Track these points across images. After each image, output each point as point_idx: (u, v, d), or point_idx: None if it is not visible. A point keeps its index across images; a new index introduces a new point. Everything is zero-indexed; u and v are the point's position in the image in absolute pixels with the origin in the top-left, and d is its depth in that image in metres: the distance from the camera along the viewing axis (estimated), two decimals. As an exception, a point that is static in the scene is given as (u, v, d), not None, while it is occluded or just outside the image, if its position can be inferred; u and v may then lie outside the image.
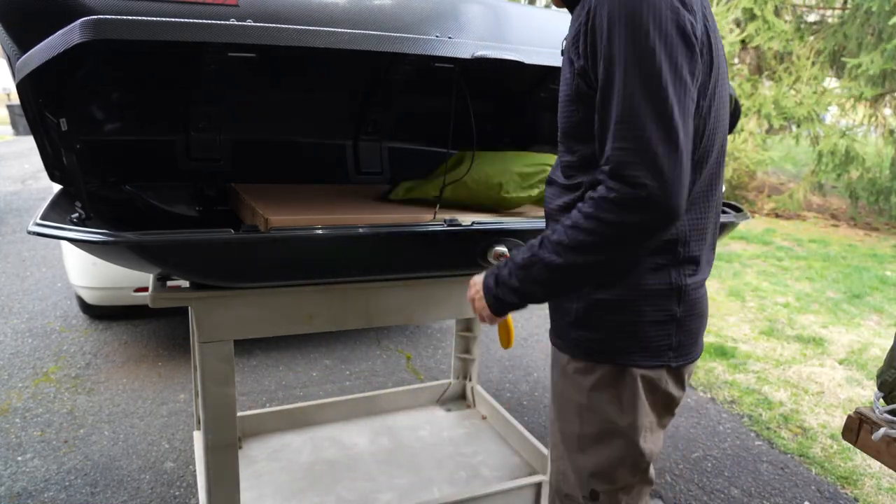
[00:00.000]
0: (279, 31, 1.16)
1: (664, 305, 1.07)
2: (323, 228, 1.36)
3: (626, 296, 1.06)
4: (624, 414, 1.09)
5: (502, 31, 1.71)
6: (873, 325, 4.18)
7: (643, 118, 0.88)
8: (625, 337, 1.07)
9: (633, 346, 1.07)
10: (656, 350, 1.08)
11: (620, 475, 1.13)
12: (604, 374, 1.09)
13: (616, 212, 0.91)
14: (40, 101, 1.36)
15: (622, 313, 1.07)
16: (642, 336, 1.07)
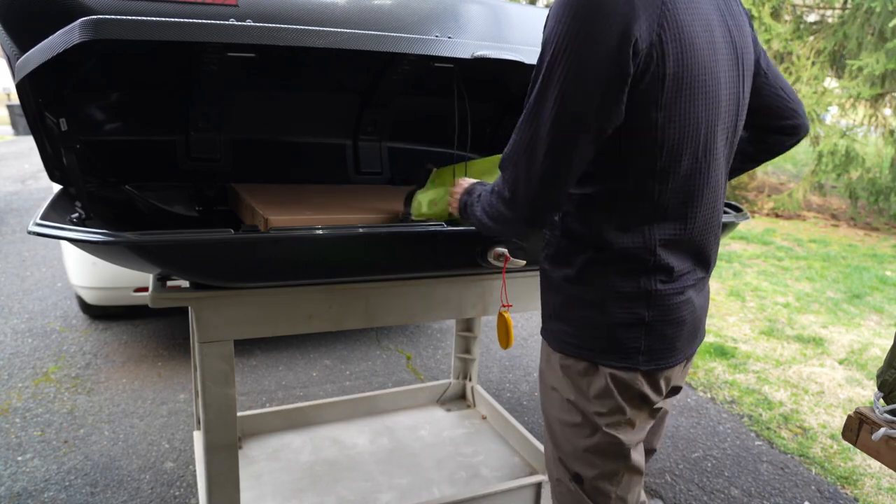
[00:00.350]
0: (279, 31, 1.16)
1: (632, 309, 1.09)
2: (323, 228, 1.36)
3: (597, 295, 1.10)
4: (597, 404, 1.13)
5: (502, 31, 1.71)
6: (873, 325, 4.18)
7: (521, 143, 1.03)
8: (596, 335, 1.12)
9: (603, 344, 1.11)
10: (625, 352, 1.11)
11: (599, 461, 1.16)
12: (579, 367, 1.14)
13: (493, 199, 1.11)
14: (40, 101, 1.36)
15: (593, 311, 1.11)
16: (612, 336, 1.10)
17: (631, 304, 1.10)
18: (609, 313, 1.10)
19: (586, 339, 1.13)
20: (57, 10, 1.23)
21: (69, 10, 1.24)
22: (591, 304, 1.11)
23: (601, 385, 1.12)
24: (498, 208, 1.09)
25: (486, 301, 1.70)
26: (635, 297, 1.09)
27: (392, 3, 1.59)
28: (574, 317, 1.14)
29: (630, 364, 1.11)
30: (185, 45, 1.40)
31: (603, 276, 1.09)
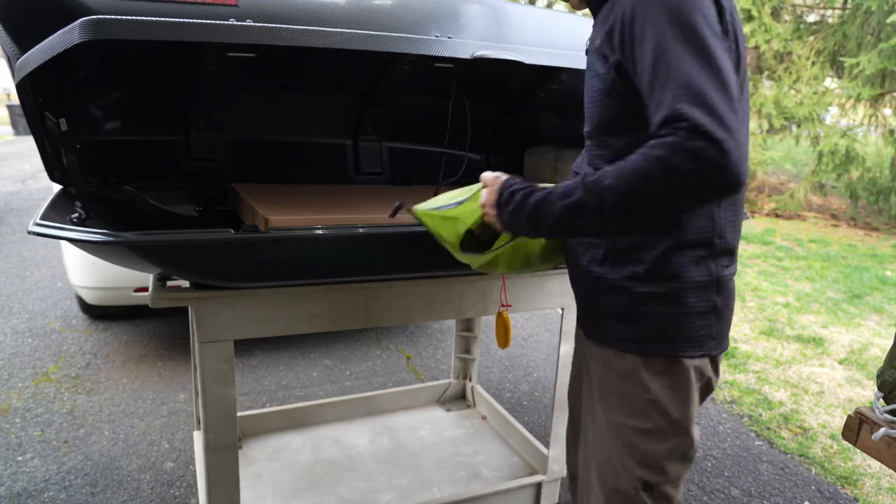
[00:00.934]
0: (279, 31, 1.16)
1: (706, 296, 1.09)
2: (323, 228, 1.36)
3: (671, 288, 1.07)
4: (679, 404, 1.10)
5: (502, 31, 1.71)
6: (873, 325, 4.18)
7: (708, 88, 0.87)
8: (673, 328, 1.08)
9: (680, 336, 1.08)
10: (700, 340, 1.09)
11: (673, 467, 1.13)
12: (657, 366, 1.10)
13: (692, 162, 0.85)
14: (40, 101, 1.36)
15: (669, 305, 1.07)
16: (687, 327, 1.08)
17: (705, 293, 1.08)
18: (686, 303, 1.07)
19: (662, 335, 1.09)
20: (57, 10, 1.23)
21: (69, 10, 1.24)
22: (666, 299, 1.07)
23: (681, 380, 1.10)
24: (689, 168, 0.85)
25: (486, 301, 1.70)
26: (708, 284, 1.09)
27: (392, 3, 1.59)
28: (647, 314, 1.09)
29: (704, 351, 1.10)
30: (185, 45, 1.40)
31: (678, 267, 1.07)
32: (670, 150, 0.85)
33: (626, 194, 0.91)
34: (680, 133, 0.85)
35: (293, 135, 1.96)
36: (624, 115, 1.03)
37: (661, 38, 0.91)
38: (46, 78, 1.29)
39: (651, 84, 0.92)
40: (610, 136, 1.08)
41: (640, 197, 0.92)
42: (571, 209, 0.98)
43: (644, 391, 1.10)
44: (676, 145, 0.85)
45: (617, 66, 1.01)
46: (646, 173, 0.89)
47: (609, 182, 0.93)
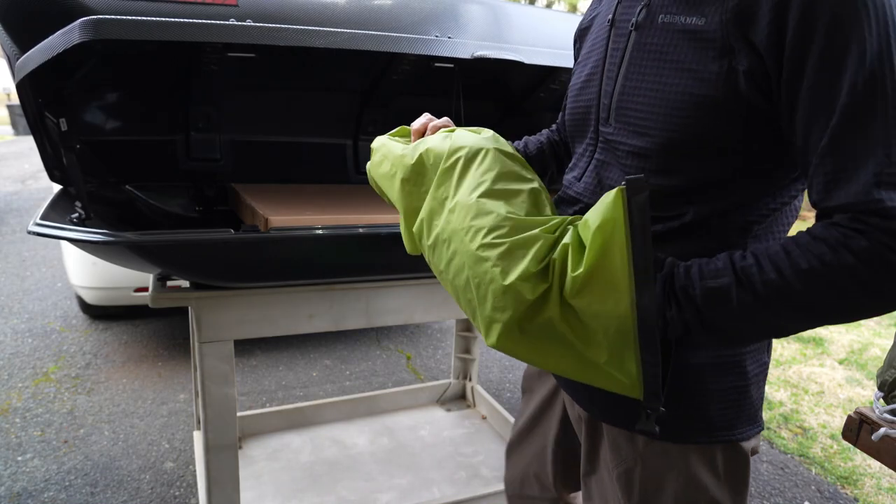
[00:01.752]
0: (279, 31, 1.16)
1: (760, 358, 0.85)
2: (323, 228, 1.36)
3: (730, 357, 0.81)
4: (738, 497, 0.86)
5: (502, 31, 1.71)
6: (873, 325, 4.18)
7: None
8: (735, 406, 0.83)
9: (741, 414, 0.83)
10: (756, 413, 0.85)
11: None
12: (713, 457, 0.83)
13: (888, 277, 0.61)
14: (40, 101, 1.36)
15: (727, 377, 0.82)
16: (747, 401, 0.83)
17: (759, 353, 0.84)
18: (744, 372, 0.82)
19: (722, 416, 0.82)
20: (57, 10, 1.23)
21: (69, 10, 1.24)
22: (726, 369, 0.81)
23: (741, 468, 0.85)
24: (871, 289, 0.62)
25: (486, 301, 1.70)
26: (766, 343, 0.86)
27: (392, 3, 1.59)
28: (704, 392, 0.81)
29: (759, 426, 0.86)
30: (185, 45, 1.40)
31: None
32: (863, 259, 0.61)
33: (798, 301, 0.65)
34: (877, 235, 0.60)
35: (293, 135, 1.96)
36: (729, 136, 0.72)
37: (877, 61, 0.61)
38: (46, 78, 1.29)
39: (836, 129, 0.63)
40: (688, 161, 0.75)
41: (813, 308, 0.65)
42: (715, 297, 0.68)
43: (699, 490, 0.83)
44: (872, 254, 0.61)
45: (752, 71, 0.67)
46: (831, 284, 0.63)
47: (772, 277, 0.65)
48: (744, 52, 0.68)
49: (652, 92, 0.76)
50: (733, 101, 0.69)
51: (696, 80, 0.71)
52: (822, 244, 0.63)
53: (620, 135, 0.81)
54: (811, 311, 0.66)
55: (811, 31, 0.62)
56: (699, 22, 0.71)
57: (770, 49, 0.65)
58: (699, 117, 0.72)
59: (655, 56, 0.76)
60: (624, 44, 0.81)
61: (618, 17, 0.83)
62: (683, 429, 0.82)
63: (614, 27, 0.84)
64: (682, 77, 0.72)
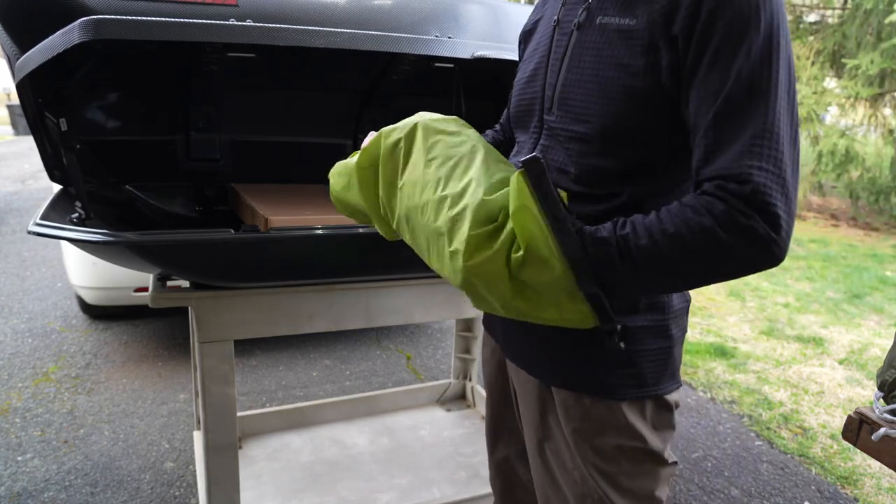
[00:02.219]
0: (279, 31, 1.16)
1: (683, 323, 0.98)
2: (322, 228, 1.36)
3: (660, 321, 0.94)
4: (666, 443, 0.99)
5: (502, 31, 1.71)
6: (873, 325, 4.18)
7: (784, 141, 0.72)
8: (663, 365, 0.95)
9: (667, 372, 0.96)
10: (676, 370, 0.98)
11: (662, 492, 1.02)
12: (646, 410, 0.95)
13: (741, 240, 0.71)
14: (40, 101, 1.36)
15: (661, 339, 0.94)
16: (671, 359, 0.96)
17: (682, 319, 0.97)
18: (671, 335, 0.95)
19: (653, 374, 0.94)
20: (57, 10, 1.24)
21: (69, 10, 1.24)
22: (658, 332, 0.94)
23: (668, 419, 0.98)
24: (728, 247, 0.72)
25: (486, 301, 1.70)
26: (685, 310, 0.98)
27: (392, 3, 1.59)
28: (642, 353, 0.93)
29: (678, 382, 0.99)
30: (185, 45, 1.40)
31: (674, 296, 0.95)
32: (720, 222, 0.71)
33: (660, 259, 0.76)
34: (733, 201, 0.71)
35: (293, 135, 1.96)
36: (654, 123, 0.83)
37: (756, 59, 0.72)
38: (46, 78, 1.29)
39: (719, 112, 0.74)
40: (622, 145, 0.85)
41: (674, 264, 0.76)
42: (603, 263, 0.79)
43: (637, 440, 0.95)
44: (727, 218, 0.71)
45: (673, 65, 0.78)
46: (687, 244, 0.74)
47: (644, 243, 0.76)
48: (666, 48, 0.77)
49: (591, 84, 0.86)
50: (657, 93, 0.80)
51: (627, 74, 0.81)
52: (688, 209, 0.74)
53: (562, 122, 0.91)
54: (678, 273, 0.77)
55: (712, 28, 0.73)
56: (630, 22, 0.81)
57: (684, 41, 0.76)
58: (630, 107, 0.82)
59: (594, 52, 0.87)
60: (566, 41, 0.92)
61: (562, 18, 0.94)
62: (620, 386, 0.93)
63: (558, 27, 0.94)
64: (615, 70, 0.83)
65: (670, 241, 0.74)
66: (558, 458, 1.02)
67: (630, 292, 0.87)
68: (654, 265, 0.76)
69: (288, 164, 1.98)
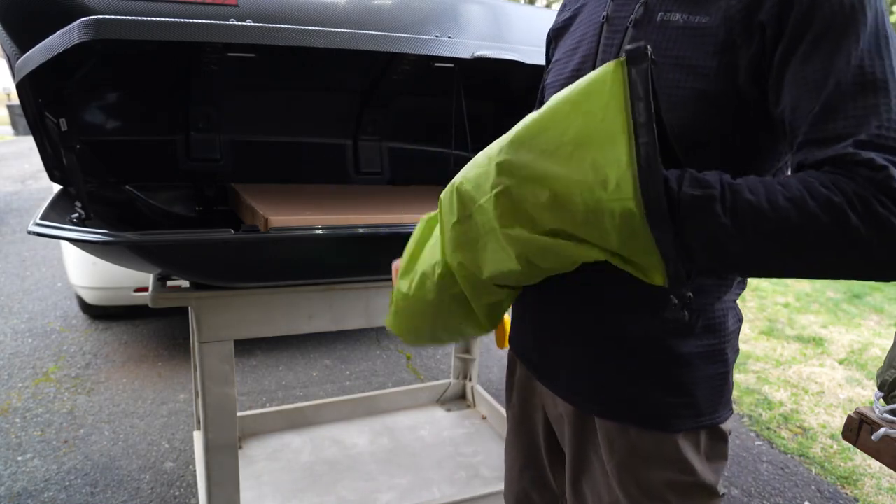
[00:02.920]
0: (279, 31, 1.16)
1: (736, 345, 0.90)
2: (323, 228, 1.36)
3: (716, 345, 0.85)
4: (719, 475, 0.90)
5: (502, 31, 1.71)
6: (873, 325, 4.18)
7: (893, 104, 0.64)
8: (718, 393, 0.87)
9: (722, 400, 0.88)
10: (730, 397, 0.90)
11: None
12: (698, 441, 0.87)
13: (872, 229, 0.60)
14: (40, 101, 1.36)
15: (715, 364, 0.86)
16: (727, 386, 0.88)
17: (735, 341, 0.89)
18: (727, 360, 0.87)
19: (708, 402, 0.86)
20: (57, 10, 1.23)
21: (69, 10, 1.24)
22: (711, 357, 0.85)
23: (722, 449, 0.89)
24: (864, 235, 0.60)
25: (486, 301, 1.70)
26: (737, 331, 0.90)
27: (392, 3, 1.59)
28: (695, 380, 0.85)
29: (731, 409, 0.91)
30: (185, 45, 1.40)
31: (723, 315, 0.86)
32: (850, 202, 0.60)
33: (771, 227, 0.62)
34: (868, 188, 0.60)
35: (293, 135, 1.96)
36: (725, 128, 0.75)
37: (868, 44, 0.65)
38: (46, 78, 1.29)
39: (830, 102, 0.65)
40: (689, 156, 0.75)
41: (784, 238, 0.62)
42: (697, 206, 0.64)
43: (689, 474, 0.86)
44: (860, 201, 0.60)
45: (755, 64, 0.70)
46: (811, 216, 0.61)
47: (750, 198, 0.63)
48: (746, 43, 0.70)
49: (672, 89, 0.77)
50: (729, 95, 0.73)
51: (695, 75, 0.74)
52: (814, 180, 0.63)
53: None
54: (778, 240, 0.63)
55: (814, 9, 0.66)
56: (702, 19, 0.74)
57: (773, 24, 0.68)
58: (695, 111, 0.74)
59: (654, 51, 0.77)
60: (620, 39, 0.84)
61: (612, 15, 0.86)
62: (674, 417, 0.84)
63: (608, 24, 0.87)
64: (679, 72, 0.75)
65: (790, 206, 0.61)
66: (595, 493, 0.93)
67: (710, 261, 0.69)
68: (758, 230, 0.63)
69: (288, 164, 1.98)
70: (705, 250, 0.66)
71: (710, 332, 0.84)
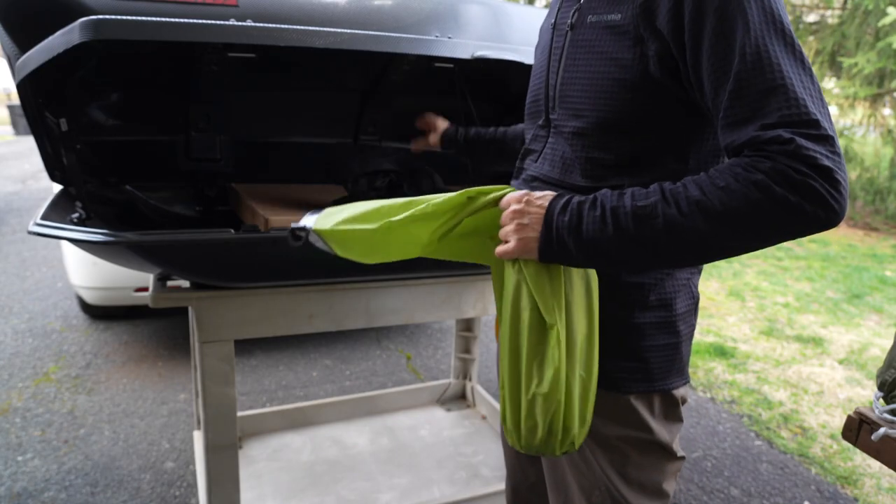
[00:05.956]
0: (279, 31, 1.16)
1: (691, 321, 1.01)
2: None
3: (668, 317, 0.97)
4: (673, 436, 1.02)
5: (502, 31, 1.71)
6: (873, 325, 4.18)
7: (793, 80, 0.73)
8: (670, 361, 0.99)
9: (674, 367, 1.00)
10: (684, 367, 1.02)
11: (669, 486, 1.05)
12: (655, 404, 0.99)
13: (804, 198, 0.70)
14: (40, 101, 1.36)
15: (668, 335, 0.98)
16: (678, 356, 1.00)
17: (690, 317, 1.01)
18: (679, 332, 0.99)
19: (661, 369, 0.98)
20: (57, 10, 1.23)
21: (69, 10, 1.24)
22: (665, 328, 0.97)
23: (676, 412, 1.02)
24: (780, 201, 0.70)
25: (486, 301, 1.70)
26: (693, 308, 1.01)
27: (392, 3, 1.59)
28: (650, 348, 0.97)
29: (686, 378, 1.03)
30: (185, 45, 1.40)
31: (673, 292, 0.96)
32: (772, 176, 0.70)
33: (717, 214, 0.73)
34: (781, 159, 0.70)
35: (293, 135, 1.96)
36: (648, 113, 0.86)
37: (756, 33, 0.74)
38: (46, 78, 1.29)
39: (734, 90, 0.74)
40: (620, 136, 0.89)
41: (731, 220, 0.73)
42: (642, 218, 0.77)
43: (645, 432, 0.98)
44: (777, 173, 0.70)
45: (660, 55, 0.81)
46: (744, 197, 0.71)
47: (695, 195, 0.74)
48: (651, 39, 0.82)
49: (584, 79, 0.91)
50: (647, 82, 0.83)
51: (617, 67, 0.86)
52: (737, 167, 0.73)
53: (563, 119, 0.96)
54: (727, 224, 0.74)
55: (703, 14, 0.76)
56: (616, 17, 0.86)
57: (672, 33, 0.79)
58: (622, 98, 0.86)
59: (586, 49, 0.91)
60: (562, 42, 0.96)
61: (558, 21, 0.99)
62: (628, 380, 0.97)
63: (556, 29, 0.99)
64: (606, 65, 0.87)
65: (722, 194, 0.73)
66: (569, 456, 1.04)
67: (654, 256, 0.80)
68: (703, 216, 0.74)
69: (288, 164, 1.98)
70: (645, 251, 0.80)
71: (663, 307, 0.96)
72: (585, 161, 0.93)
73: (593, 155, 0.92)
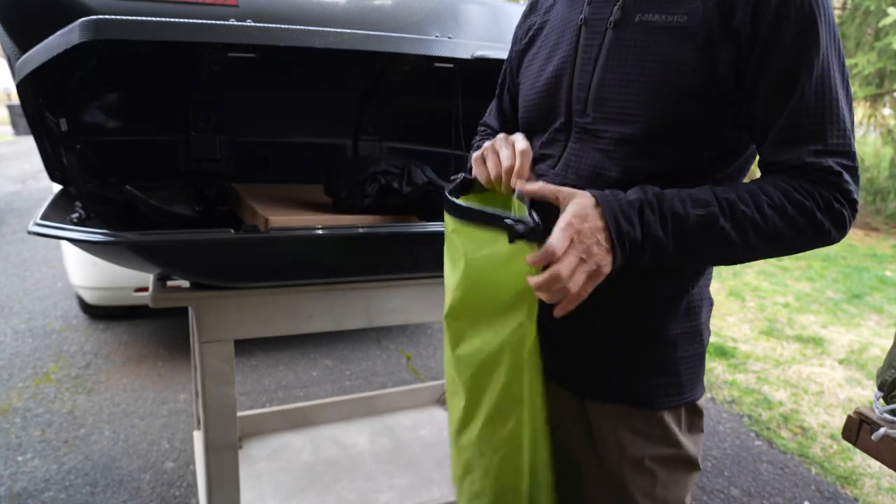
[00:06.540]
0: (279, 31, 1.16)
1: (708, 327, 0.98)
2: (323, 228, 1.36)
3: (695, 326, 0.94)
4: (698, 448, 1.00)
5: (502, 31, 1.71)
6: (873, 325, 4.18)
7: (850, 133, 0.78)
8: (696, 370, 0.96)
9: (697, 376, 0.97)
10: (703, 374, 0.99)
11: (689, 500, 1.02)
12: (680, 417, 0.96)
13: (833, 224, 0.78)
14: (40, 101, 1.36)
15: (692, 345, 0.94)
16: (702, 365, 0.97)
17: (707, 321, 0.97)
18: (704, 340, 0.96)
19: (689, 380, 0.95)
20: (57, 10, 1.24)
21: (69, 10, 1.24)
22: (693, 338, 0.94)
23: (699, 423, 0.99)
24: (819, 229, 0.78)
25: (486, 301, 1.69)
26: (709, 314, 0.98)
27: (392, 3, 1.59)
28: (682, 360, 0.94)
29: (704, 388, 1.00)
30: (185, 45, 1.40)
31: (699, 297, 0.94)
32: (819, 204, 0.77)
33: (764, 233, 0.77)
34: (827, 189, 0.77)
35: (293, 135, 1.96)
36: (703, 121, 0.81)
37: (824, 54, 0.76)
38: (46, 78, 1.29)
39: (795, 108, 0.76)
40: (669, 145, 0.83)
41: (775, 239, 0.78)
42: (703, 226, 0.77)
43: (675, 447, 0.95)
44: (824, 202, 0.77)
45: (732, 57, 0.78)
46: (792, 219, 0.77)
47: (745, 209, 0.77)
48: (724, 40, 0.77)
49: (635, 84, 0.83)
50: (712, 90, 0.79)
51: (679, 72, 0.79)
52: (791, 189, 0.77)
53: (601, 123, 0.87)
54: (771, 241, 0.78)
55: (783, 17, 0.75)
56: (681, 19, 0.80)
57: (748, 35, 0.76)
58: (680, 106, 0.80)
59: (637, 51, 0.83)
60: (599, 41, 0.88)
61: (590, 17, 0.90)
62: (662, 395, 0.93)
63: (586, 26, 0.90)
64: (664, 69, 0.80)
65: (774, 213, 0.77)
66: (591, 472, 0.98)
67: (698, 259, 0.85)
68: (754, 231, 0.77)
69: (288, 164, 1.98)
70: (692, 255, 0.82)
71: (691, 315, 0.93)
72: (623, 169, 0.85)
73: (634, 163, 0.84)
